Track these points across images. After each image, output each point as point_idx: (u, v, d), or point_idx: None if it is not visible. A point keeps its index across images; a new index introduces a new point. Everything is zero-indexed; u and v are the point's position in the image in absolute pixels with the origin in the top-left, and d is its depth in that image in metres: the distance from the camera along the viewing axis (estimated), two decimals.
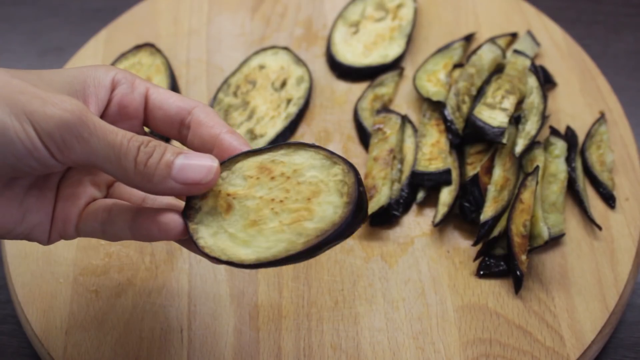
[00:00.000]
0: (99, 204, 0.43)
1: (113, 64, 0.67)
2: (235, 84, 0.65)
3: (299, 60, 0.66)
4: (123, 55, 0.68)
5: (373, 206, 0.55)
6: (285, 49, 0.67)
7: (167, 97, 0.44)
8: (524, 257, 0.52)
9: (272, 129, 0.62)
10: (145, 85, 0.44)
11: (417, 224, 0.57)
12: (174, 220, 0.40)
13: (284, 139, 0.61)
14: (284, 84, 0.65)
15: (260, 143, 0.60)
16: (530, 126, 0.57)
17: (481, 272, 0.53)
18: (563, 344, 0.50)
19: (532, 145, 0.58)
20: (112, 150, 0.38)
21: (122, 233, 0.42)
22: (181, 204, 0.43)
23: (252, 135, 0.61)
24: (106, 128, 0.38)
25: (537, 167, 0.55)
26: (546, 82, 0.64)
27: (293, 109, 0.63)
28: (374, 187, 0.56)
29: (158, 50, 0.68)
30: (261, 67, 0.66)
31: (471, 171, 0.57)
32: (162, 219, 0.40)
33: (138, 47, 0.68)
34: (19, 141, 0.37)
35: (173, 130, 0.44)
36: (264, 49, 0.67)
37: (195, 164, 0.39)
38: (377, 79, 0.65)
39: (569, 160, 0.58)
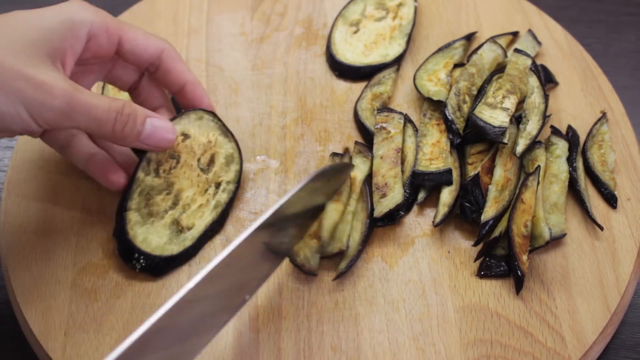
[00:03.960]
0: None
1: None
2: (155, 159, 0.55)
3: (227, 132, 0.57)
4: None
5: (389, 204, 0.55)
6: (211, 113, 0.57)
7: (138, 43, 0.53)
8: (525, 258, 0.52)
9: (200, 220, 0.55)
10: (118, 33, 0.51)
11: (417, 224, 0.56)
12: (119, 179, 0.54)
13: (212, 233, 0.55)
14: (211, 162, 0.56)
15: (188, 237, 0.54)
16: (532, 126, 0.57)
17: (482, 273, 0.53)
18: (564, 345, 0.50)
19: (533, 145, 0.57)
20: (93, 122, 0.47)
21: (77, 162, 0.54)
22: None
23: (179, 227, 0.54)
24: (90, 104, 0.47)
25: (538, 167, 0.55)
26: (547, 81, 0.64)
27: (223, 197, 0.56)
28: (386, 185, 0.56)
29: None
30: (185, 135, 0.56)
31: (472, 171, 0.57)
32: (111, 177, 0.54)
33: None
34: (14, 122, 0.45)
35: (141, 68, 0.56)
36: (187, 112, 0.56)
37: (159, 134, 0.51)
38: (374, 78, 0.65)
39: (570, 160, 0.58)
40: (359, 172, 0.57)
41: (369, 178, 0.57)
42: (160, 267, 0.53)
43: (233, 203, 0.57)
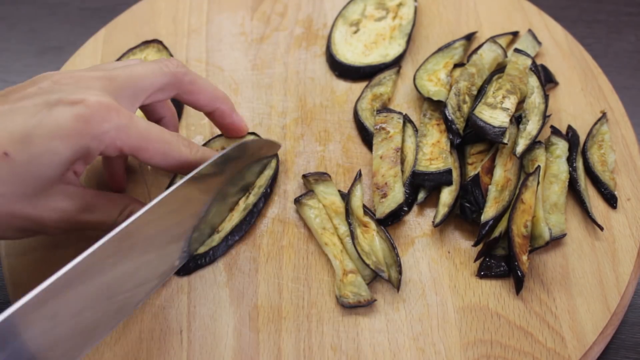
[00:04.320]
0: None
1: (119, 59, 0.67)
2: None
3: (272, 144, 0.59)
4: (130, 51, 0.68)
5: (390, 204, 0.54)
6: (252, 135, 0.60)
7: (151, 162, 0.50)
8: (525, 258, 0.51)
9: (229, 223, 0.56)
10: (131, 152, 0.48)
11: (417, 224, 0.56)
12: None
13: (239, 234, 0.56)
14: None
15: (215, 238, 0.55)
16: (531, 126, 0.57)
17: (482, 273, 0.53)
18: (564, 345, 0.50)
19: (533, 145, 0.57)
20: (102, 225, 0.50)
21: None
22: None
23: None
24: (90, 222, 0.49)
25: (538, 167, 0.55)
26: (547, 81, 0.64)
27: (251, 199, 0.57)
28: (386, 184, 0.56)
29: (165, 48, 0.68)
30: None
31: (472, 171, 0.57)
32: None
33: (146, 43, 0.68)
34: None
35: None
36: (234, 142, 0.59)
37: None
38: (375, 78, 0.65)
39: (570, 160, 0.58)
40: (335, 197, 0.56)
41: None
42: (189, 267, 0.54)
43: (263, 205, 0.57)
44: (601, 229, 0.55)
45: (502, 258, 0.53)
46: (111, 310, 0.46)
